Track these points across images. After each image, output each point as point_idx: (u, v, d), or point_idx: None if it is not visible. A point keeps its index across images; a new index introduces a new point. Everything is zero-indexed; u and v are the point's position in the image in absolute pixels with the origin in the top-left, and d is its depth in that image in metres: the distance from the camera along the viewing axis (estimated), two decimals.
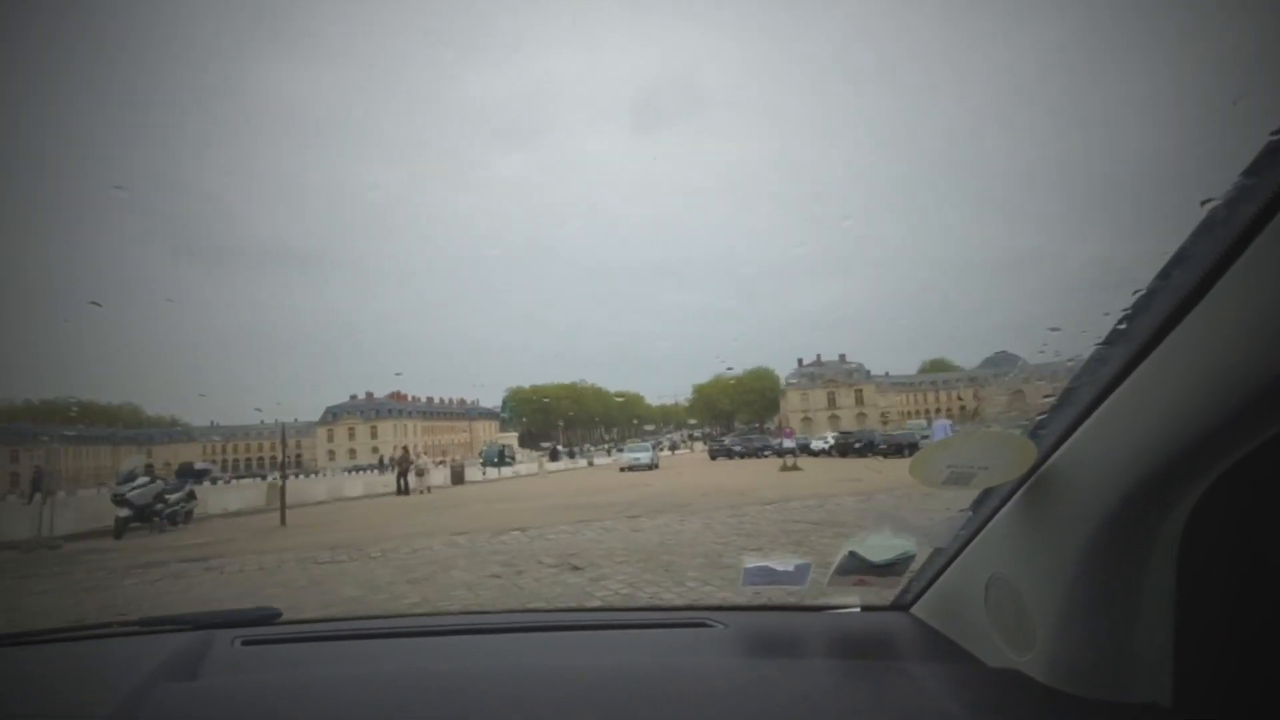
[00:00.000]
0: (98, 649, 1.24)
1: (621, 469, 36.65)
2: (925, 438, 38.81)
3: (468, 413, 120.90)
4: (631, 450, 41.23)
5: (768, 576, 1.22)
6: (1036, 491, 0.88)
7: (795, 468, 28.23)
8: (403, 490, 25.66)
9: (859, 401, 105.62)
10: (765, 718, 0.87)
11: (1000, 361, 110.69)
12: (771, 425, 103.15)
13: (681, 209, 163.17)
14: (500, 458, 44.27)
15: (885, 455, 37.07)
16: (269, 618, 1.33)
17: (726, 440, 59.63)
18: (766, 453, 45.21)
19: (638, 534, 10.44)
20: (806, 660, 1.06)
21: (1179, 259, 0.68)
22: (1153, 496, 0.74)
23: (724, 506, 13.72)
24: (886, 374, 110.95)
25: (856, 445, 41.66)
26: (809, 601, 1.28)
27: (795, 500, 14.51)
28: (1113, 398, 0.75)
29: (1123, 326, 0.75)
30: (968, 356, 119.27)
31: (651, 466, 36.88)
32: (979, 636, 1.00)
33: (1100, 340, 0.79)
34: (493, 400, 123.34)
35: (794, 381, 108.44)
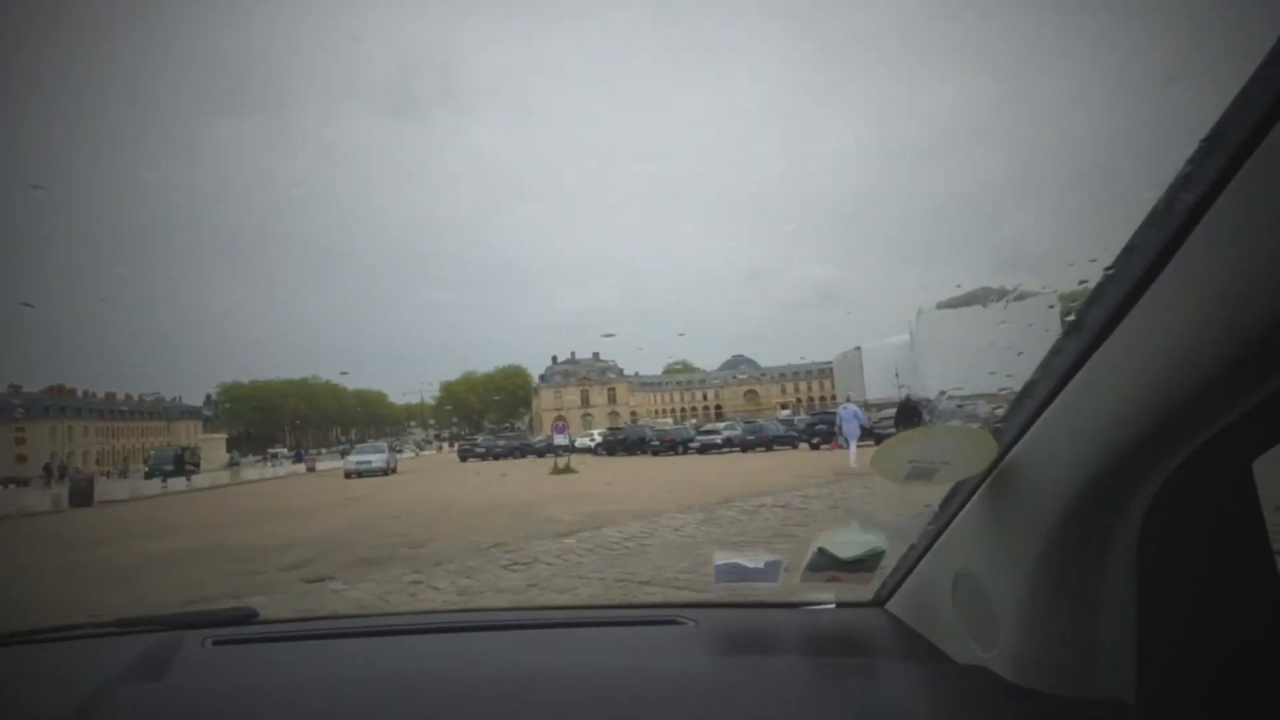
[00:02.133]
0: (64, 651, 1.22)
1: (347, 475, 30.21)
2: (707, 432, 37.52)
3: (165, 411, 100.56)
4: (361, 453, 34.43)
5: (739, 573, 1.20)
6: (998, 486, 0.87)
7: (569, 469, 23.35)
8: None
9: (612, 400, 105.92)
10: (735, 715, 0.88)
11: (736, 364, 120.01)
12: (522, 424, 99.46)
13: (437, 201, 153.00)
14: (179, 464, 33.95)
15: (655, 453, 34.51)
16: (245, 617, 1.30)
17: (480, 439, 54.02)
18: (528, 453, 40.97)
19: None
20: (778, 658, 1.05)
21: (1127, 251, 0.68)
22: (1110, 490, 0.74)
23: (468, 549, 8.35)
24: (637, 374, 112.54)
25: (624, 441, 39.22)
26: (783, 598, 1.23)
27: (586, 530, 9.70)
28: (1067, 390, 0.75)
29: (1074, 319, 0.74)
30: (708, 359, 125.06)
31: (387, 471, 30.87)
32: (949, 633, 0.99)
33: (1056, 333, 0.78)
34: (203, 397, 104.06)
35: (548, 379, 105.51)
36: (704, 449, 33.79)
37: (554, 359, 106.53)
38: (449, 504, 14.09)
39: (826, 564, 1.11)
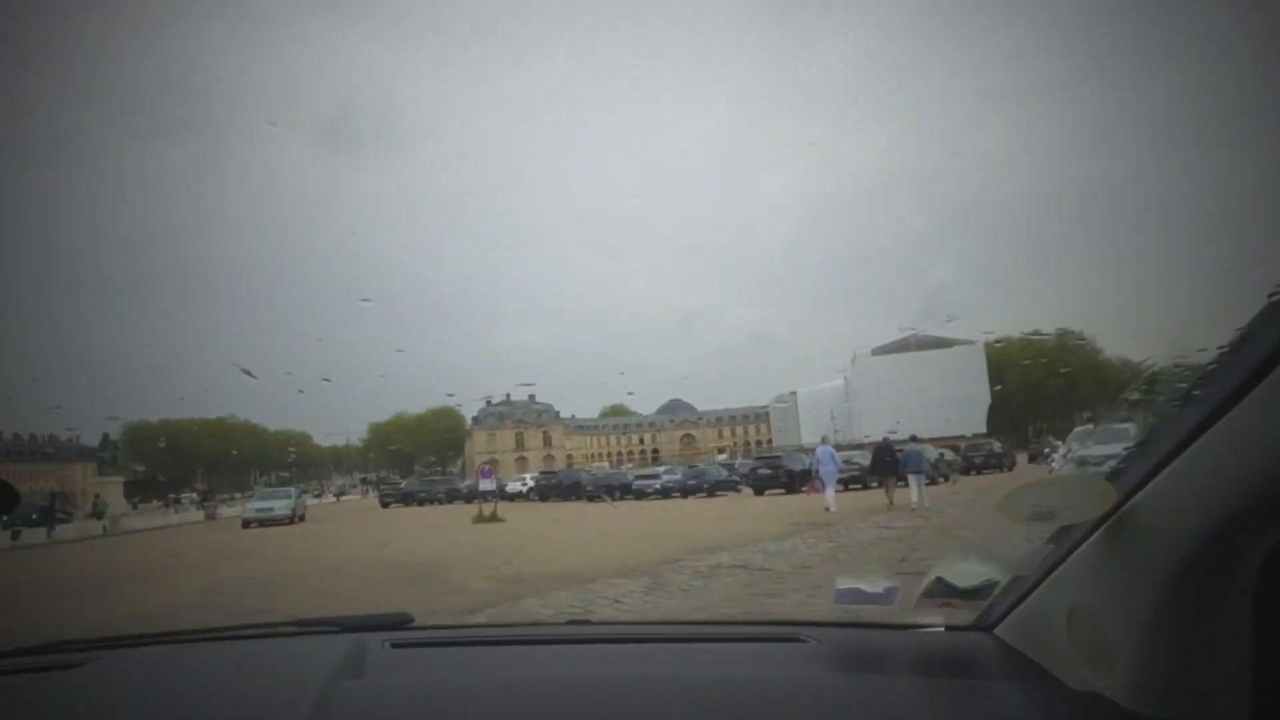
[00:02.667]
0: (275, 647, 1.34)
1: (245, 523, 27.21)
2: (644, 477, 35.67)
3: (62, 453, 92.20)
4: (262, 498, 31.22)
5: (858, 597, 1.29)
6: (1118, 529, 0.91)
7: (494, 517, 21.10)
8: None
9: (547, 443, 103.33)
10: None
11: (674, 409, 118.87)
12: (455, 468, 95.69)
13: (369, 237, 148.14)
14: (47, 513, 29.78)
15: (591, 499, 32.51)
16: (403, 622, 1.39)
17: (405, 484, 50.54)
18: (455, 498, 38.12)
19: None
20: (893, 677, 1.08)
21: (1264, 315, 0.72)
22: (1233, 538, 0.78)
23: None
24: (573, 416, 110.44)
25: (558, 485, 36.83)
26: (896, 620, 1.29)
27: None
28: (1189, 451, 0.79)
29: (1214, 367, 0.79)
30: (645, 403, 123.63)
31: (292, 519, 27.87)
32: (1062, 659, 1.01)
33: (1183, 389, 0.85)
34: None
35: (481, 421, 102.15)
36: (641, 494, 32.02)
37: (488, 401, 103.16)
38: (341, 563, 11.88)
39: (942, 591, 1.18)
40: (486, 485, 25.01)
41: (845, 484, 24.81)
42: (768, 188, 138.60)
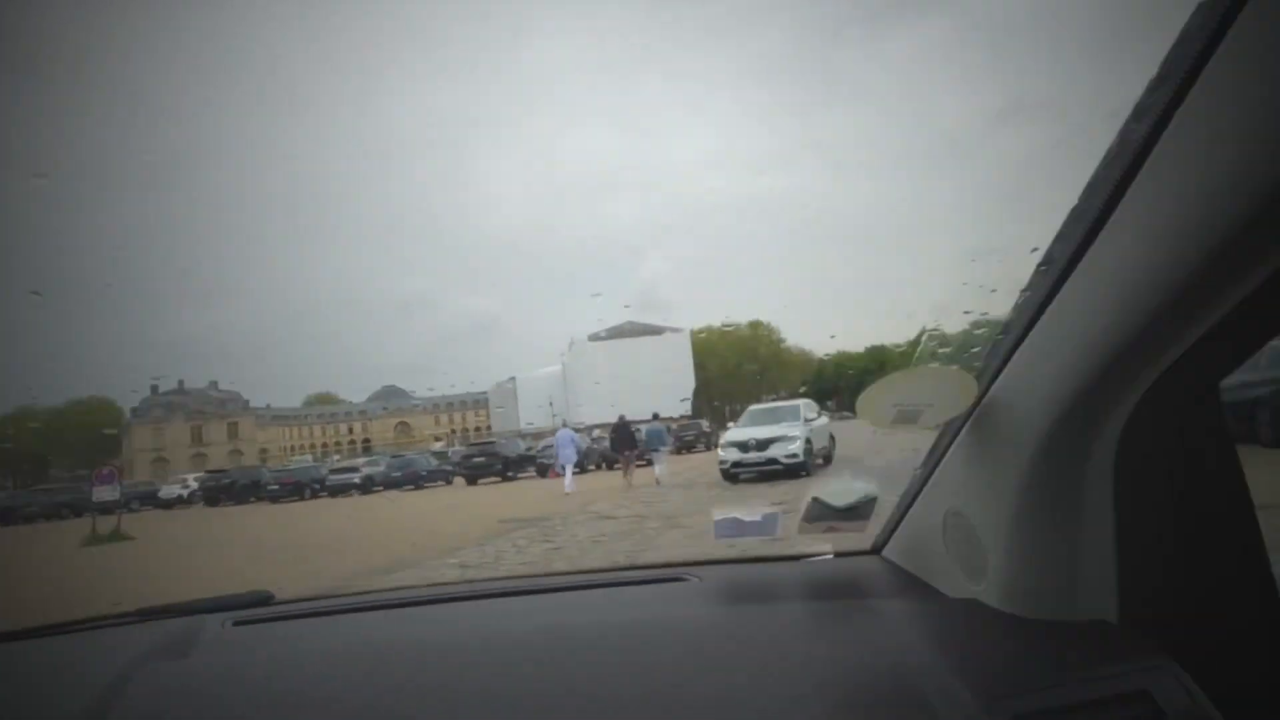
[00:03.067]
0: (88, 640, 1.23)
1: None
2: (342, 470, 31.11)
3: None
4: None
5: (737, 528, 1.23)
6: (980, 425, 0.90)
7: (119, 535, 16.21)
8: None
9: (233, 436, 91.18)
10: (741, 662, 0.90)
11: (388, 396, 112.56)
12: (109, 471, 78.96)
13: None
14: None
15: (275, 499, 27.79)
16: (262, 600, 1.32)
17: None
18: (84, 510, 29.78)
19: None
20: (781, 607, 1.07)
21: (1089, 186, 0.71)
22: (1085, 417, 0.78)
23: None
24: (268, 406, 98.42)
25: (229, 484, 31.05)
26: (783, 551, 1.27)
27: None
28: (1038, 326, 0.79)
29: (1042, 255, 0.78)
30: (356, 390, 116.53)
31: None
32: (942, 571, 1.03)
33: (1029, 272, 0.83)
34: None
35: (143, 414, 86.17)
36: (337, 491, 27.96)
37: (154, 389, 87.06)
38: None
39: (822, 513, 1.15)
40: (104, 494, 19.00)
41: (597, 465, 24.98)
42: (490, 177, 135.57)
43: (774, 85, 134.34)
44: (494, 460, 26.49)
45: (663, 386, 75.57)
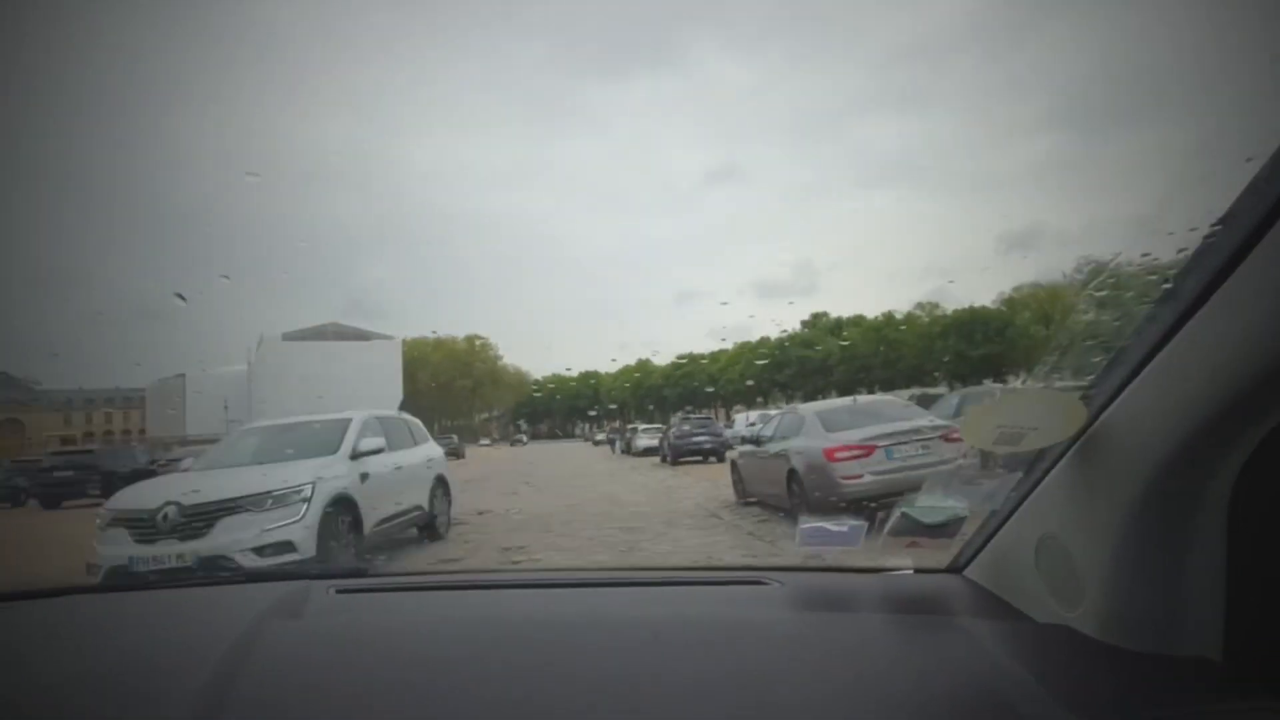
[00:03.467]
0: (213, 594, 1.40)
1: None
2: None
3: None
4: None
5: (822, 536, 1.27)
6: (1086, 451, 0.88)
7: None
8: None
9: None
10: (822, 667, 0.91)
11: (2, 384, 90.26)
12: None
13: None
14: None
15: None
16: (358, 572, 1.42)
17: None
18: None
19: None
20: (862, 617, 1.08)
21: (1225, 219, 0.69)
22: (1201, 453, 0.76)
23: None
24: None
25: None
26: (863, 564, 1.29)
27: None
28: (1160, 356, 0.76)
29: (1169, 285, 0.77)
30: None
31: None
32: (1031, 595, 1.01)
33: (1149, 299, 0.81)
34: None
35: None
36: None
37: None
38: None
39: (908, 528, 1.14)
40: None
41: None
42: (181, 139, 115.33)
43: (514, 104, 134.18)
44: (88, 475, 18.57)
45: (367, 397, 69.17)
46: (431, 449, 9.64)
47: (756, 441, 9.94)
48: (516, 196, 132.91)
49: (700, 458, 21.12)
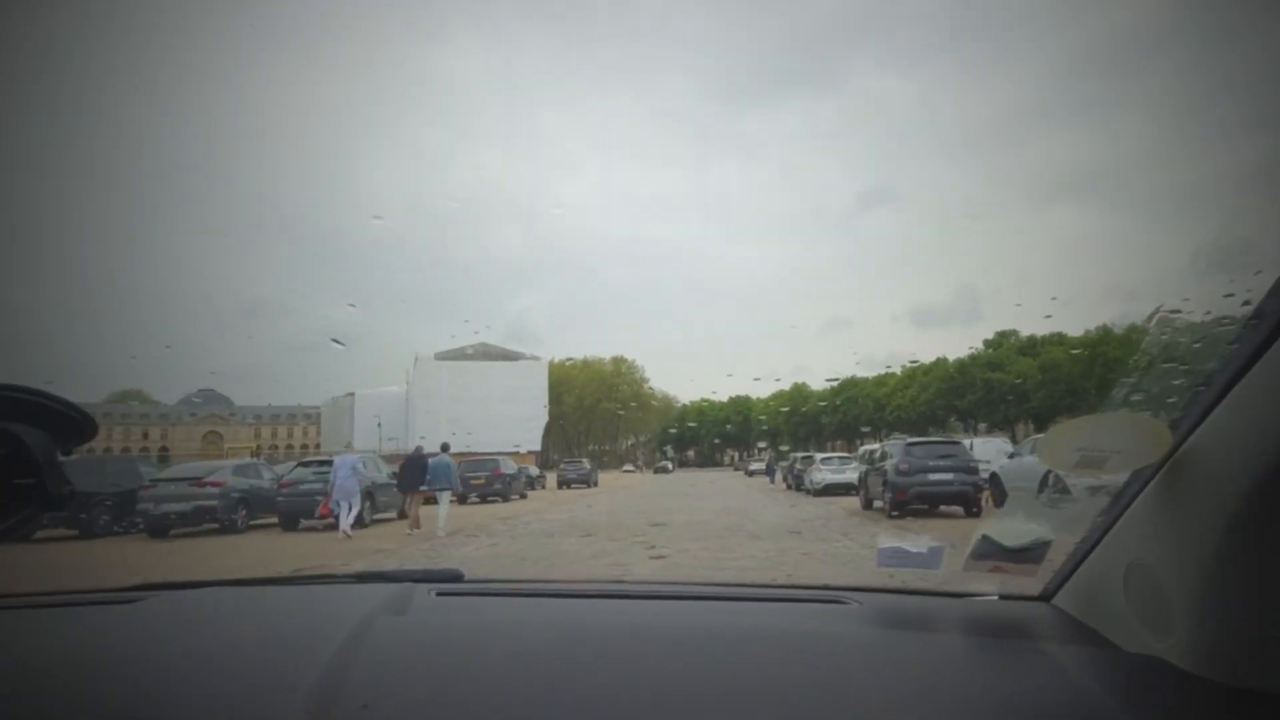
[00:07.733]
0: (326, 592, 1.48)
1: None
2: None
3: None
4: None
5: (902, 558, 1.23)
6: (1174, 476, 0.87)
7: None
8: None
9: None
10: (904, 689, 0.90)
11: (206, 400, 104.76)
12: None
13: None
14: None
15: None
16: (454, 576, 1.48)
17: None
18: None
19: None
20: (944, 640, 1.06)
21: None
22: None
23: None
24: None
25: None
26: (945, 587, 1.26)
27: None
28: (1247, 378, 0.75)
29: (1256, 306, 0.76)
30: (168, 390, 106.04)
31: None
32: (1120, 625, 0.99)
33: (1233, 322, 0.81)
34: None
35: None
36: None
37: None
38: None
39: (991, 553, 1.12)
40: None
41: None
42: (369, 185, 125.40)
43: (668, 134, 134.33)
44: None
45: (513, 417, 69.35)
46: None
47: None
48: (667, 223, 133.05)
49: (927, 505, 13.75)
